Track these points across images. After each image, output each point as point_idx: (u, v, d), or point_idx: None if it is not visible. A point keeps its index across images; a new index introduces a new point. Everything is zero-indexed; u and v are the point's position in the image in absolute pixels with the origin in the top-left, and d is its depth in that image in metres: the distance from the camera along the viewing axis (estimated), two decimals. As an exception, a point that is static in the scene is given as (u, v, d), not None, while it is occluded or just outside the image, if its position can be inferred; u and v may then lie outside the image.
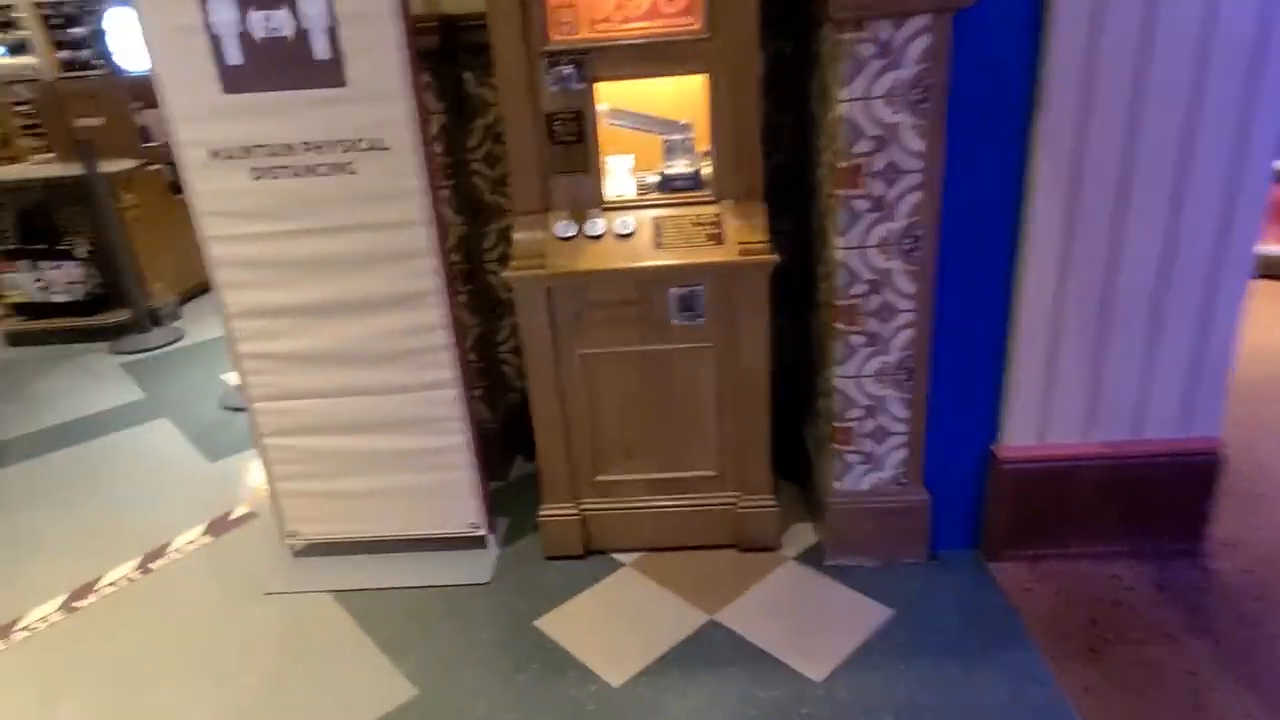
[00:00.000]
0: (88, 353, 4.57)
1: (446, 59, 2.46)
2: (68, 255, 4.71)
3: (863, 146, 1.89)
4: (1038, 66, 1.84)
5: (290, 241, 2.12)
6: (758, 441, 2.27)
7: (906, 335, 2.05)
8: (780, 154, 2.60)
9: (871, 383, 2.11)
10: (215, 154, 2.04)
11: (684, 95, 2.19)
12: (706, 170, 2.19)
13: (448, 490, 2.38)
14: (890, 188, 1.92)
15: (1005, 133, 1.90)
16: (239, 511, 2.81)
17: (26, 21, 7.39)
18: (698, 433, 2.29)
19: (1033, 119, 1.88)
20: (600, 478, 2.36)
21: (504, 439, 2.90)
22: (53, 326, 4.78)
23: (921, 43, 1.80)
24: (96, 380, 4.14)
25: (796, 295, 2.57)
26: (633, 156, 2.28)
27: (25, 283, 4.77)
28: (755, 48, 2.00)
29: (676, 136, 2.24)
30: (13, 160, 6.80)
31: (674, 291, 2.12)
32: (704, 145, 2.16)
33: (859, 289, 2.02)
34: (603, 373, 2.23)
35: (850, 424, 2.15)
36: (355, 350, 2.22)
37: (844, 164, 1.91)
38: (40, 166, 5.26)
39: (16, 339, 4.80)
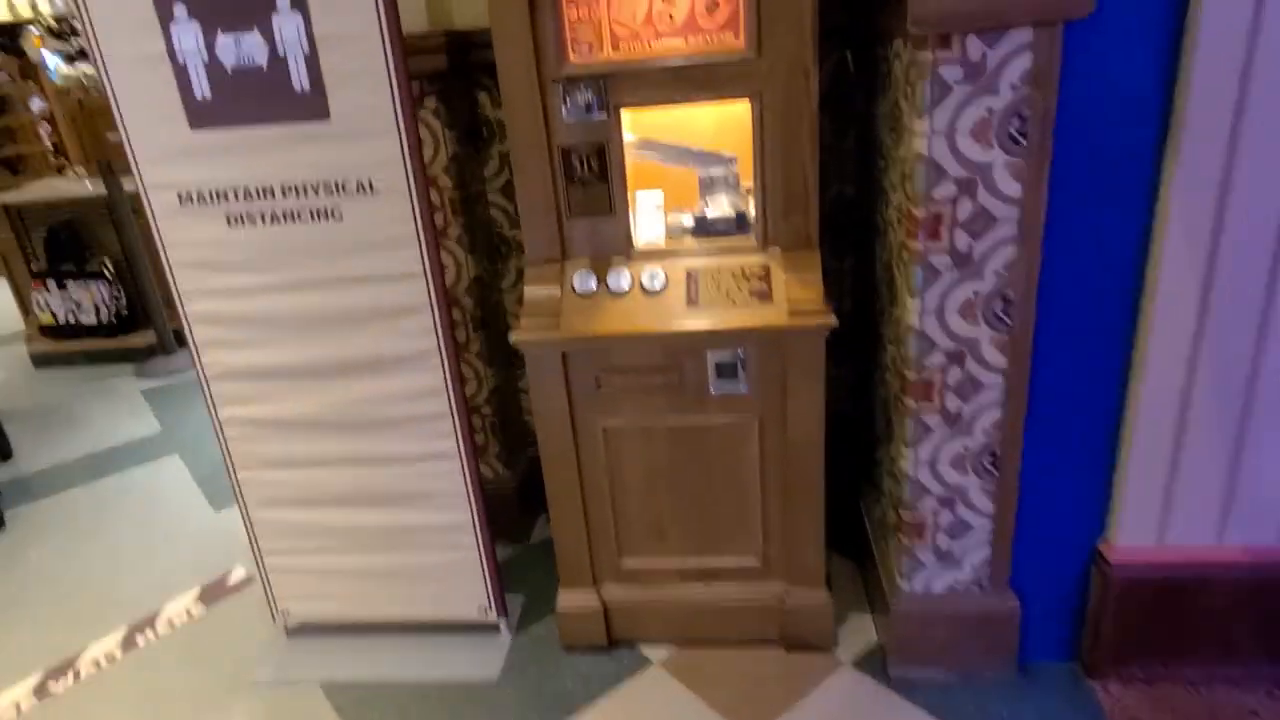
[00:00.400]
0: (113, 376, 4.45)
1: (458, 79, 2.17)
2: (96, 275, 4.60)
3: (944, 190, 1.53)
4: (1173, 94, 1.45)
5: (271, 296, 1.85)
6: (809, 527, 1.93)
7: (993, 415, 1.69)
8: (840, 183, 2.25)
9: (949, 469, 1.75)
10: (185, 198, 1.79)
11: (726, 121, 1.86)
12: (751, 210, 1.85)
13: (452, 571, 2.10)
14: (977, 240, 1.56)
15: (1127, 176, 1.52)
16: (236, 574, 2.58)
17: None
18: (739, 516, 1.96)
19: (1164, 159, 1.50)
20: (626, 563, 2.04)
21: (523, 498, 2.61)
22: (80, 348, 4.68)
23: (1021, 63, 1.44)
24: (116, 409, 3.99)
25: (857, 341, 2.22)
26: (660, 193, 1.95)
27: (53, 303, 4.67)
28: (812, 69, 1.65)
29: (717, 171, 1.91)
30: (60, 172, 6.82)
31: (712, 356, 1.80)
32: (748, 179, 1.83)
33: (936, 360, 1.66)
34: (628, 447, 1.91)
35: (922, 516, 1.80)
36: (346, 417, 1.95)
37: (920, 210, 1.55)
38: (69, 183, 5.18)
39: (44, 360, 4.71)
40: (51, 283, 4.63)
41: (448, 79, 2.11)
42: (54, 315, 4.67)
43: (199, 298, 1.89)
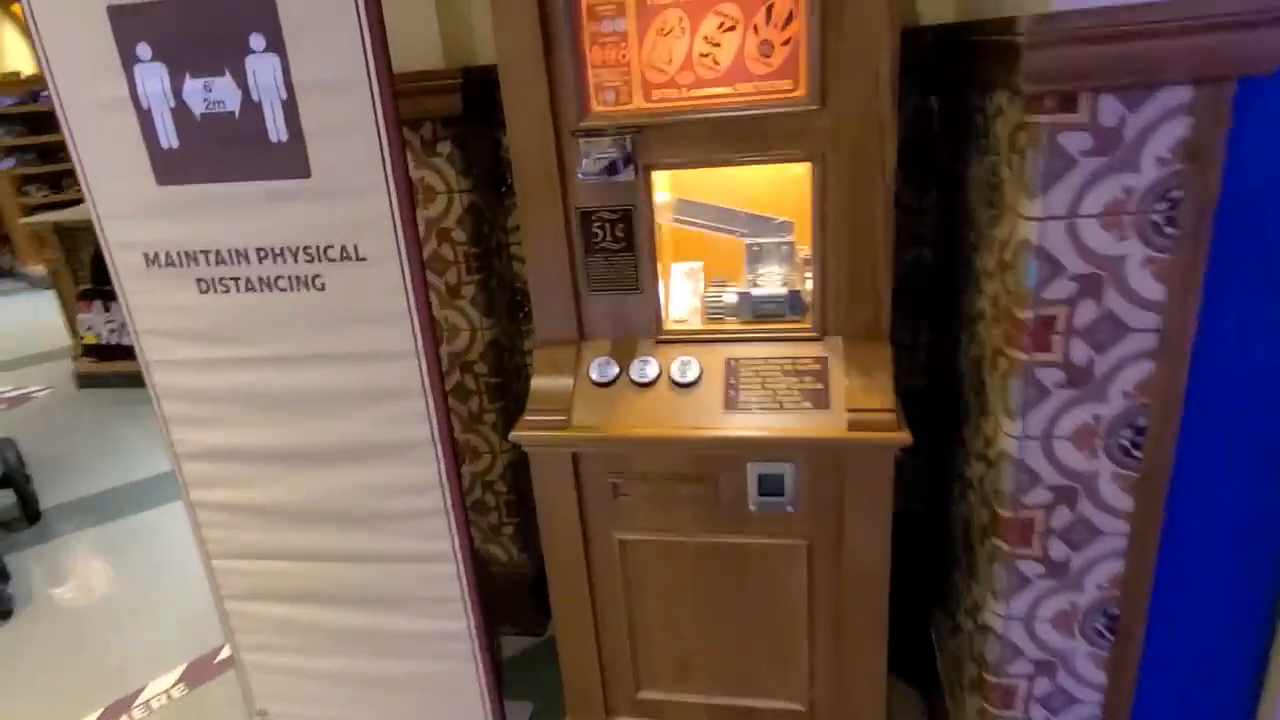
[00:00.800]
0: (148, 401, 4.35)
1: (477, 120, 1.91)
2: (138, 297, 4.53)
3: (1060, 289, 1.18)
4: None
5: (245, 371, 1.61)
6: (868, 672, 1.59)
7: (1112, 568, 1.32)
8: (917, 246, 1.90)
9: (1050, 629, 1.38)
10: (151, 259, 1.57)
11: (781, 178, 1.55)
12: (808, 287, 1.53)
13: (446, 683, 1.82)
14: (1102, 354, 1.21)
15: (1313, 277, 1.15)
16: (224, 651, 2.36)
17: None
18: (781, 652, 1.63)
19: (1368, 256, 1.12)
20: (644, 695, 1.73)
21: (539, 586, 2.31)
22: (122, 370, 4.61)
23: (1173, 130, 1.09)
24: (143, 440, 3.87)
25: (931, 421, 1.86)
26: (698, 264, 1.65)
27: (98, 323, 4.63)
28: (889, 125, 1.33)
29: (768, 240, 1.59)
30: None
31: (754, 468, 1.48)
32: (806, 244, 1.51)
33: (1039, 497, 1.30)
34: (649, 564, 1.60)
35: (1012, 682, 1.43)
36: (328, 508, 1.70)
37: (1026, 313, 1.21)
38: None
39: (87, 380, 4.67)
40: (97, 303, 4.60)
41: (465, 121, 1.85)
42: (98, 335, 4.63)
43: (168, 369, 1.66)
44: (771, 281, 1.60)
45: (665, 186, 1.56)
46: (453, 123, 1.84)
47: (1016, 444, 1.28)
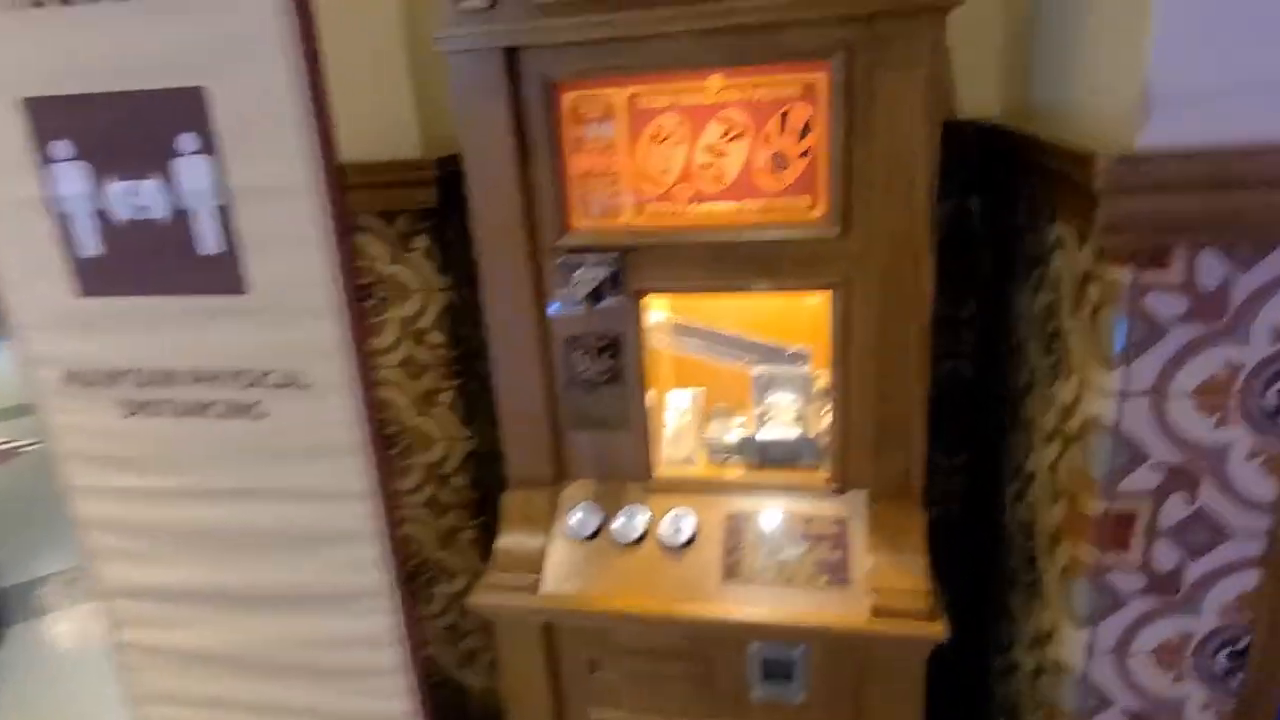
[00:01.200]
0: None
1: (456, 212, 1.71)
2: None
3: (1142, 480, 0.95)
4: None
5: (174, 504, 1.41)
6: None
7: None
8: (954, 359, 1.67)
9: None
10: (72, 378, 1.37)
11: (795, 301, 1.33)
12: (826, 422, 1.30)
13: None
14: (1194, 559, 0.96)
15: None
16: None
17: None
18: None
19: None
20: None
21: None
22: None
23: (1294, 294, 0.86)
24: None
25: (971, 545, 1.61)
26: (698, 393, 1.43)
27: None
28: (925, 254, 1.11)
29: (779, 369, 1.37)
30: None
31: (758, 648, 1.23)
32: (824, 372, 1.28)
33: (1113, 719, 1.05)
34: (633, 748, 1.36)
35: None
36: (264, 658, 1.47)
37: (1096, 506, 0.97)
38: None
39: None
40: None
41: (443, 214, 1.65)
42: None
43: (92, 497, 1.46)
44: (783, 416, 1.37)
45: (662, 304, 1.35)
46: (429, 216, 1.65)
47: (1082, 657, 1.03)
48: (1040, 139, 1.03)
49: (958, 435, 1.71)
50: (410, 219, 1.66)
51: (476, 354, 1.86)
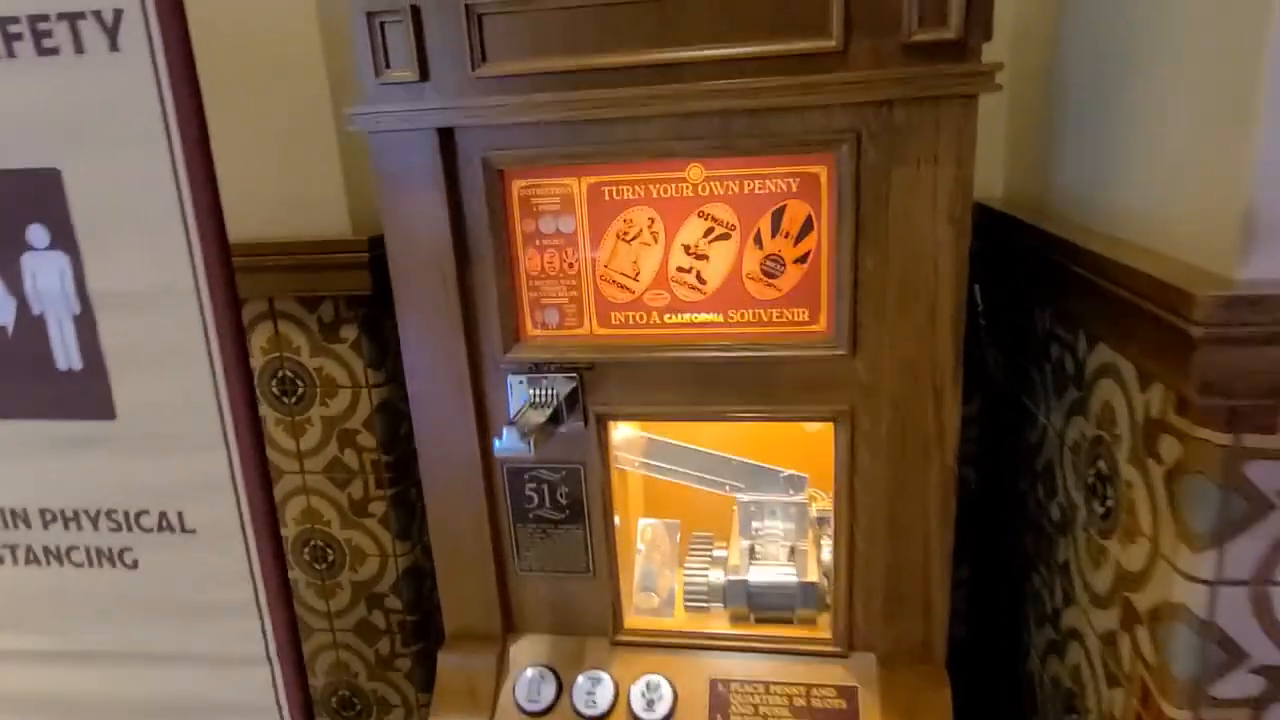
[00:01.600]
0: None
1: (390, 299, 1.49)
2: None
3: (1240, 685, 0.75)
4: None
5: (29, 667, 1.14)
6: None
7: None
8: (958, 464, 1.48)
9: None
10: (-103, 516, 1.10)
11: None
12: (825, 558, 1.09)
13: None
14: (1304, 785, 0.76)
15: None
16: None
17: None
18: None
19: None
20: None
21: None
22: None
23: None
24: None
25: (982, 671, 1.40)
26: (672, 526, 1.21)
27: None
28: (951, 383, 0.92)
29: (772, 498, 1.16)
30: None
31: None
32: (822, 499, 1.08)
33: None
34: None
35: None
36: None
37: (1180, 714, 0.77)
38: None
39: None
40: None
41: (377, 301, 1.43)
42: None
43: (-78, 657, 1.18)
44: (774, 551, 1.16)
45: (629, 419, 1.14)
46: (360, 303, 1.42)
47: None
48: (1097, 253, 0.85)
49: (960, 547, 1.52)
50: (337, 305, 1.43)
51: (413, 457, 1.62)
